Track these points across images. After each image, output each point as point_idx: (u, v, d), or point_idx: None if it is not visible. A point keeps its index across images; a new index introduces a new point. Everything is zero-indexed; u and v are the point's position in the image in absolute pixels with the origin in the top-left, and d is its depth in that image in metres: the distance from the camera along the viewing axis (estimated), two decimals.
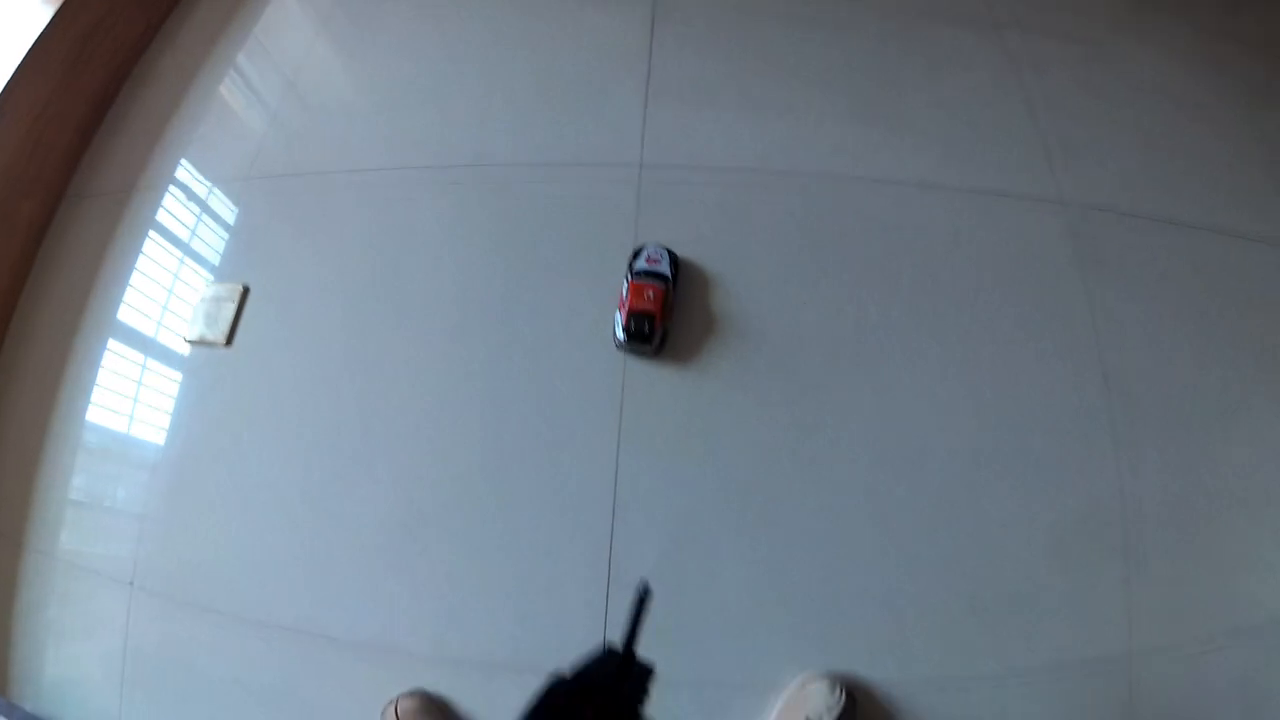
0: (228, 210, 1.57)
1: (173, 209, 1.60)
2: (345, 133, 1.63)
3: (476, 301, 1.39)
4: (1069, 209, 1.42)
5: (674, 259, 1.36)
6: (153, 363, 1.45)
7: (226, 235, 1.54)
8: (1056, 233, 1.40)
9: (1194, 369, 1.30)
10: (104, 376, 1.46)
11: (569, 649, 1.07)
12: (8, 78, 1.50)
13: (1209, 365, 1.30)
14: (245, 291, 1.45)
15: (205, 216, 1.58)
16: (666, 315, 1.31)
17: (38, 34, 1.55)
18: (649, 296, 1.30)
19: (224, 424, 1.37)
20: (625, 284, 1.34)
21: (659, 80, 1.58)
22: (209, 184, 1.62)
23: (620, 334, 1.30)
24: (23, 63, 1.51)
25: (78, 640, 1.32)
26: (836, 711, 1.06)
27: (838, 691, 1.07)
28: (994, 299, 1.34)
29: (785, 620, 1.15)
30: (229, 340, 1.42)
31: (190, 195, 1.61)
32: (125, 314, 1.51)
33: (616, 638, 0.66)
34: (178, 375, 1.43)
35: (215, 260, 1.51)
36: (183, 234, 1.57)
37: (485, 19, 1.77)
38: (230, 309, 1.44)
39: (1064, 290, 1.35)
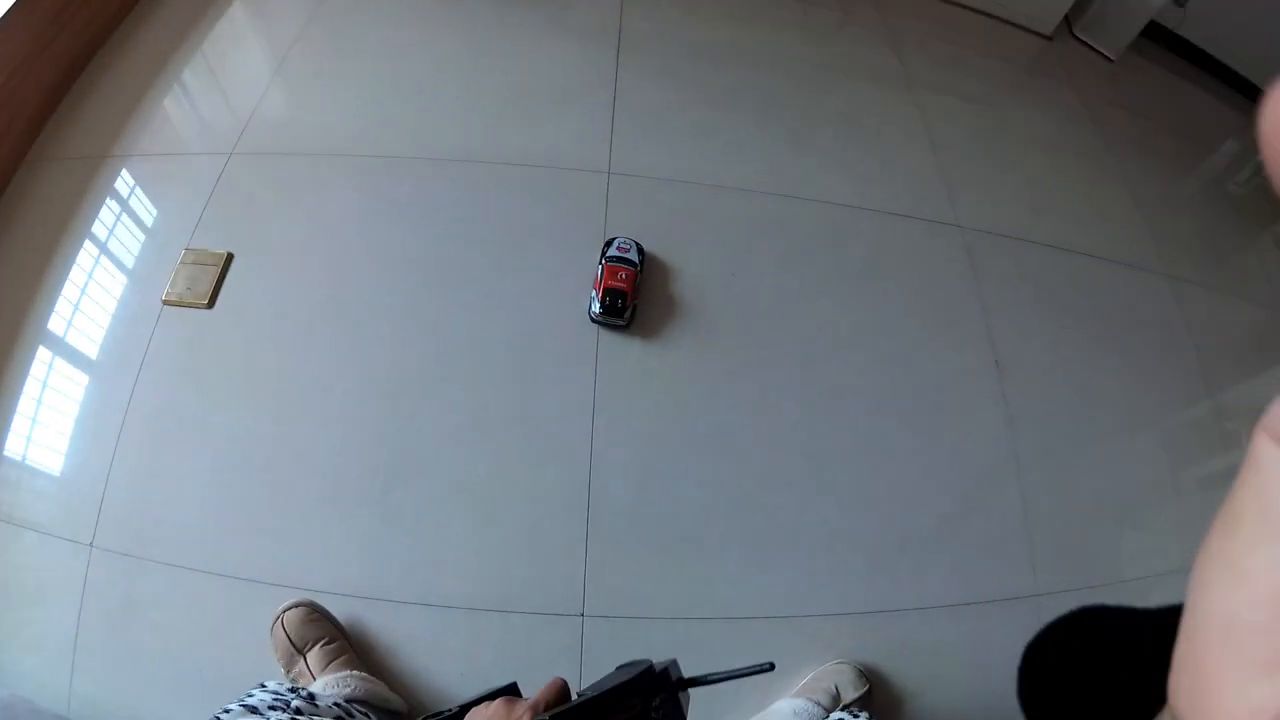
0: (209, 181, 1.62)
1: (150, 176, 1.63)
2: (332, 119, 1.75)
3: (456, 271, 1.54)
4: (964, 231, 1.79)
5: (640, 249, 1.58)
6: (123, 320, 1.45)
7: (208, 204, 1.58)
8: (953, 249, 1.76)
9: (1069, 357, 1.68)
10: (68, 332, 1.44)
11: (553, 588, 1.22)
12: None
13: (1075, 349, 1.69)
14: (229, 258, 1.51)
15: (184, 186, 1.62)
16: (635, 294, 1.52)
17: None
18: (621, 277, 1.50)
19: (198, 380, 1.40)
20: (600, 268, 1.53)
21: (623, 103, 1.83)
22: (189, 155, 1.67)
23: (596, 308, 1.49)
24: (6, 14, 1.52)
25: (26, 606, 1.25)
26: (860, 692, 1.20)
27: (862, 679, 1.21)
28: (902, 294, 1.67)
29: (736, 547, 1.35)
30: (210, 303, 1.46)
31: (168, 166, 1.65)
32: (95, 271, 1.50)
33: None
34: (149, 332, 1.43)
35: (195, 227, 1.55)
36: (160, 200, 1.61)
37: (468, 31, 1.98)
38: (213, 274, 1.48)
39: (961, 293, 1.71)
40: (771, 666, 0.60)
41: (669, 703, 0.60)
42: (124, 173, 1.64)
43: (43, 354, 1.42)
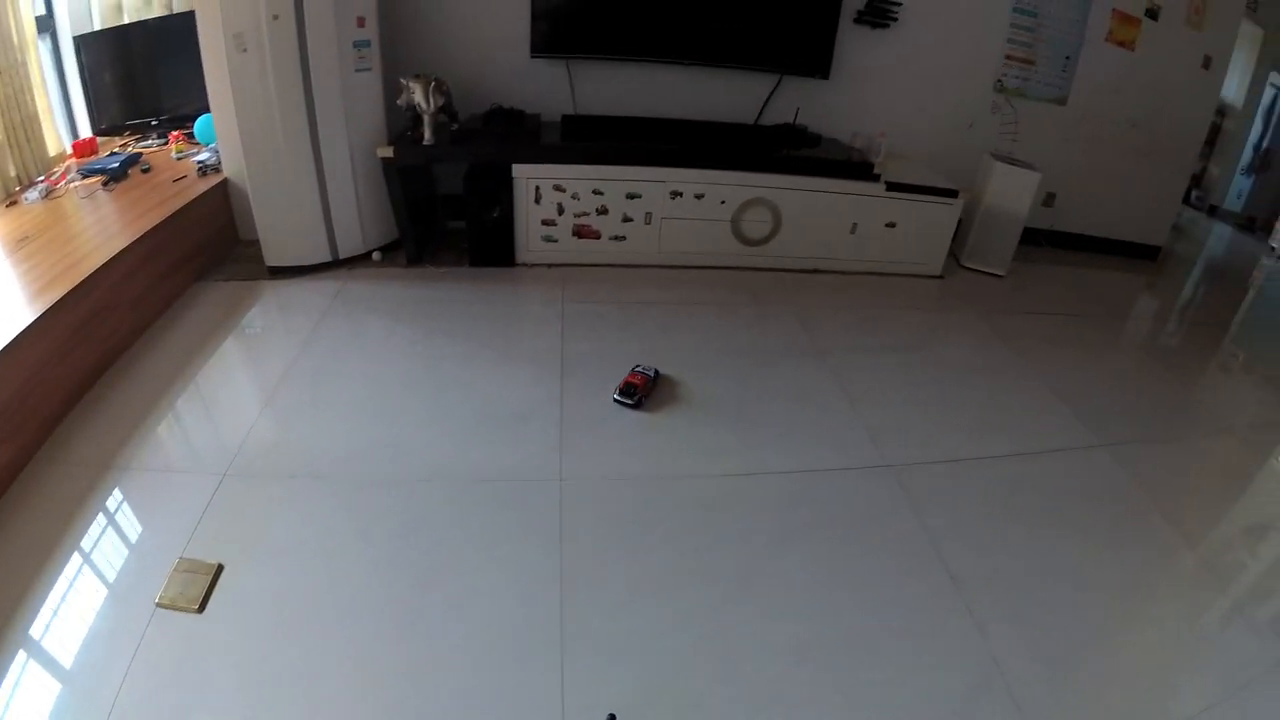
0: (204, 497, 1.84)
1: (148, 487, 1.86)
2: (317, 443, 2.06)
3: (429, 573, 1.72)
4: (894, 469, 2.14)
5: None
6: (117, 618, 1.56)
7: (202, 518, 1.79)
8: (887, 486, 2.08)
9: (1019, 549, 1.88)
10: (65, 624, 1.53)
11: None
12: (22, 328, 1.81)
13: (1028, 543, 1.91)
14: (220, 569, 1.67)
15: (180, 499, 1.83)
16: None
17: (51, 303, 1.92)
18: None
19: (186, 676, 1.47)
20: None
21: (569, 417, 2.21)
22: (186, 472, 1.92)
23: None
24: (34, 323, 1.85)
25: None
26: None
27: None
28: (849, 539, 1.88)
29: None
30: (201, 608, 1.59)
31: (166, 480, 1.89)
32: (91, 571, 1.64)
33: None
34: (141, 629, 1.53)
35: (189, 538, 1.73)
36: (156, 511, 1.81)
37: (435, 365, 2.40)
38: (204, 581, 1.63)
39: (904, 524, 1.96)
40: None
41: None
42: (124, 483, 1.86)
43: (40, 642, 1.50)
